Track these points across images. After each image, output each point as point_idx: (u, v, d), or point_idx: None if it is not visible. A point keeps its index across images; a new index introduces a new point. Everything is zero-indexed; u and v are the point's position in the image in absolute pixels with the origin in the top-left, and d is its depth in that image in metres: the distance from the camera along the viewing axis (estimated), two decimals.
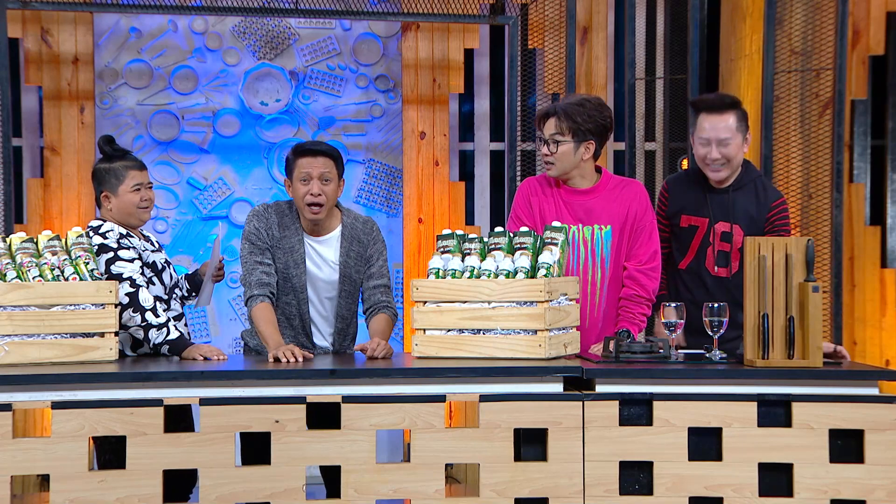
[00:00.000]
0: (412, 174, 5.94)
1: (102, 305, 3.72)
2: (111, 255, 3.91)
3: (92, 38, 5.71)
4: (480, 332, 3.75)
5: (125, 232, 3.99)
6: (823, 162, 5.64)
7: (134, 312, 3.85)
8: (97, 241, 3.93)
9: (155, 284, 4.01)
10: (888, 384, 4.05)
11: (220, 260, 4.26)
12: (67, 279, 3.75)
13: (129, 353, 3.99)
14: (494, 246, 3.85)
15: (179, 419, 3.62)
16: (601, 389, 3.58)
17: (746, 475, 3.55)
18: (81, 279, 3.76)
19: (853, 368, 3.72)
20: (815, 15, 5.67)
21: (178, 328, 3.97)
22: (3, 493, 3.37)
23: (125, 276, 3.88)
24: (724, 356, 3.76)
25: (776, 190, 4.30)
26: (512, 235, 3.87)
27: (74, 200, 5.65)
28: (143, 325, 3.85)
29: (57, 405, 3.41)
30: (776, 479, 3.57)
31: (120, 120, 5.83)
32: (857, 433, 3.56)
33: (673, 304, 3.82)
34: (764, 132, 5.48)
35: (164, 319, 3.87)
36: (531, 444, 3.57)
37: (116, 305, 3.75)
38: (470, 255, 3.85)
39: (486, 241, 3.90)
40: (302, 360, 3.72)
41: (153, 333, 3.86)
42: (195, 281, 4.30)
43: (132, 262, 3.93)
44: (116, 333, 3.76)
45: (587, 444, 3.53)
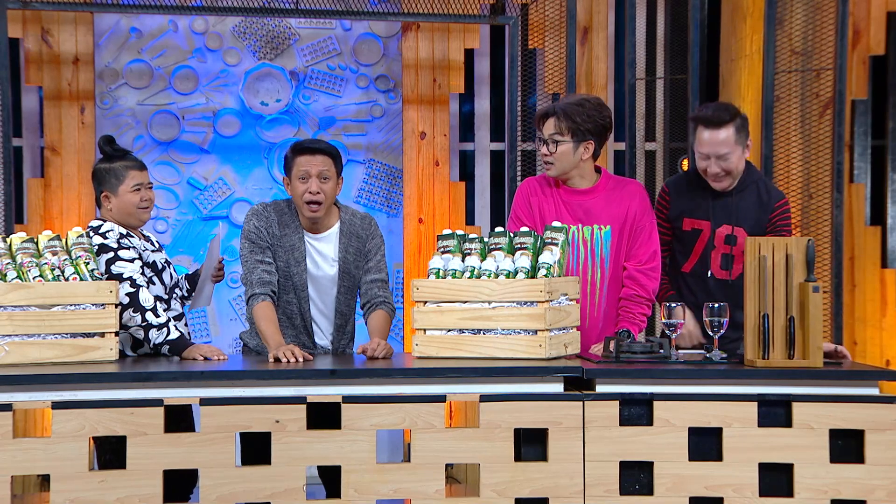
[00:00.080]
0: (412, 174, 5.94)
1: (103, 305, 3.73)
2: (111, 255, 3.91)
3: (92, 38, 5.71)
4: (481, 332, 3.75)
5: (125, 232, 3.99)
6: (824, 162, 5.64)
7: (134, 312, 3.85)
8: (97, 241, 3.93)
9: (155, 284, 4.01)
10: (888, 384, 4.04)
11: (219, 260, 4.26)
12: (68, 279, 3.75)
13: (129, 353, 3.99)
14: (495, 246, 3.85)
15: (180, 419, 3.63)
16: (601, 389, 3.58)
17: (747, 475, 3.55)
18: (82, 279, 3.76)
19: (853, 368, 3.72)
20: (815, 15, 5.66)
21: (178, 328, 3.97)
22: (3, 493, 3.37)
23: (125, 276, 3.88)
24: (724, 356, 3.76)
25: (778, 191, 4.29)
26: (512, 235, 3.87)
27: (75, 200, 5.65)
28: (143, 325, 3.85)
29: (57, 405, 3.41)
30: (776, 479, 3.57)
31: (120, 120, 5.83)
32: (857, 433, 3.56)
33: (673, 304, 3.81)
34: (764, 132, 5.47)
35: (164, 319, 3.87)
36: (531, 444, 3.57)
37: (117, 305, 3.75)
38: (470, 255, 3.85)
39: (486, 241, 3.90)
40: (302, 360, 3.72)
41: (153, 333, 3.86)
42: (195, 281, 4.30)
43: (132, 262, 3.92)
44: (117, 333, 3.76)
45: (587, 444, 3.53)
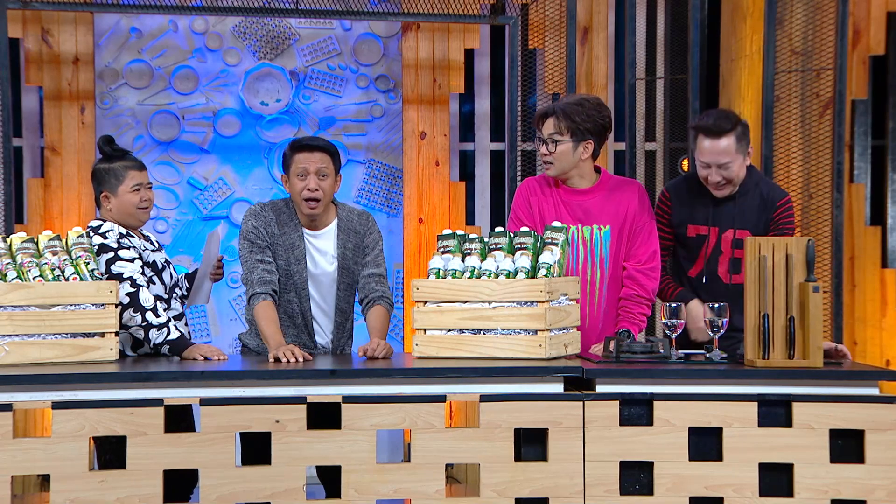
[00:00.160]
0: (412, 174, 5.94)
1: (103, 305, 3.73)
2: (111, 254, 3.91)
3: (92, 38, 5.71)
4: (481, 332, 3.75)
5: (125, 232, 3.99)
6: (824, 162, 5.64)
7: (134, 312, 3.85)
8: (97, 241, 3.93)
9: (155, 284, 4.01)
10: (888, 384, 4.04)
11: (219, 258, 4.26)
12: (68, 279, 3.75)
13: (129, 353, 3.99)
14: (495, 246, 3.85)
15: (180, 419, 3.62)
16: (601, 389, 3.58)
17: (747, 475, 3.54)
18: (82, 279, 3.76)
19: (853, 369, 3.72)
20: (815, 15, 5.66)
21: (178, 328, 3.97)
22: (3, 493, 3.37)
23: (125, 275, 3.88)
24: (724, 356, 3.76)
25: (781, 189, 4.27)
26: (512, 235, 3.87)
27: (75, 200, 5.65)
28: (143, 324, 3.85)
29: (57, 405, 3.41)
30: (776, 479, 3.57)
31: (120, 120, 5.83)
32: (857, 433, 3.56)
33: (674, 304, 3.81)
34: (764, 132, 5.47)
35: (164, 319, 3.87)
36: (531, 444, 3.57)
37: (117, 305, 3.75)
38: (470, 255, 3.85)
39: (486, 241, 3.90)
40: (302, 360, 3.72)
41: (153, 333, 3.86)
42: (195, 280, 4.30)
43: (132, 261, 3.92)
44: (117, 333, 3.76)
45: (587, 444, 3.53)
